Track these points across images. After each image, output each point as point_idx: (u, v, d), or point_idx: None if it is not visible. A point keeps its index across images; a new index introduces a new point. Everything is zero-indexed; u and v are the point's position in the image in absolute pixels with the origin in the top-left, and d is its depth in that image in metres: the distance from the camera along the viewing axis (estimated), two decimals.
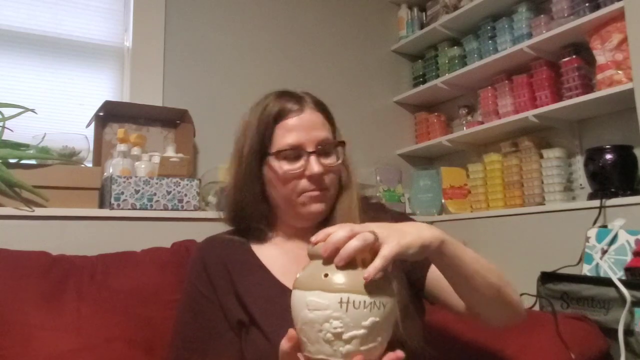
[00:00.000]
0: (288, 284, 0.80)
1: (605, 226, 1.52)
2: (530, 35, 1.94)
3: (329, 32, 2.34)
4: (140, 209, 1.55)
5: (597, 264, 1.45)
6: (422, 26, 2.45)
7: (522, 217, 1.86)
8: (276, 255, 0.93)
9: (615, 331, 1.23)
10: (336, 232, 0.62)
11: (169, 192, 1.60)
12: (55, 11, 1.90)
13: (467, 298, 0.80)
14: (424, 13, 2.49)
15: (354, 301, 0.58)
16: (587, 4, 1.75)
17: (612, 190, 1.59)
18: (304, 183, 0.88)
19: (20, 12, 1.85)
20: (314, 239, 0.64)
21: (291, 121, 0.89)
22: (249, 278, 0.90)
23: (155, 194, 1.58)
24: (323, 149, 0.89)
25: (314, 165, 0.87)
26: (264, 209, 0.94)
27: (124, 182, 1.54)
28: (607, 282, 1.31)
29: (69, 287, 1.20)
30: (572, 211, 1.68)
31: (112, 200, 1.52)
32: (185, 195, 1.62)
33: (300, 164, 0.88)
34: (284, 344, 0.63)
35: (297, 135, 0.88)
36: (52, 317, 1.13)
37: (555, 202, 1.79)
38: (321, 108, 0.93)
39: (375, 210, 0.97)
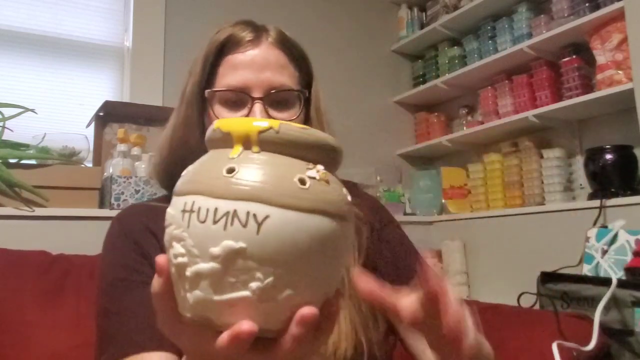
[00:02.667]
0: None
1: (605, 226, 1.52)
2: (530, 35, 1.94)
3: (329, 32, 2.34)
4: None
5: (597, 264, 1.45)
6: (422, 26, 2.45)
7: (522, 217, 1.86)
8: None
9: (616, 331, 1.23)
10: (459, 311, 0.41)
11: None
12: (55, 11, 1.90)
13: None
14: (424, 13, 2.49)
15: (199, 208, 0.34)
16: (587, 4, 1.75)
17: (612, 190, 1.59)
18: None
19: (20, 12, 1.85)
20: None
21: (239, 56, 0.70)
22: None
23: (155, 194, 1.58)
24: (275, 97, 0.70)
25: (256, 115, 0.67)
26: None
27: (124, 182, 1.54)
28: (607, 282, 1.31)
29: (68, 285, 1.21)
30: (572, 211, 1.68)
31: (112, 200, 1.52)
32: None
33: (242, 112, 0.69)
34: (154, 282, 0.38)
35: (243, 75, 0.69)
36: (51, 315, 1.13)
37: (555, 202, 1.79)
38: (285, 45, 0.73)
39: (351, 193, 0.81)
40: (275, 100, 0.70)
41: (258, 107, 0.68)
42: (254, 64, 0.70)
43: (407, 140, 2.47)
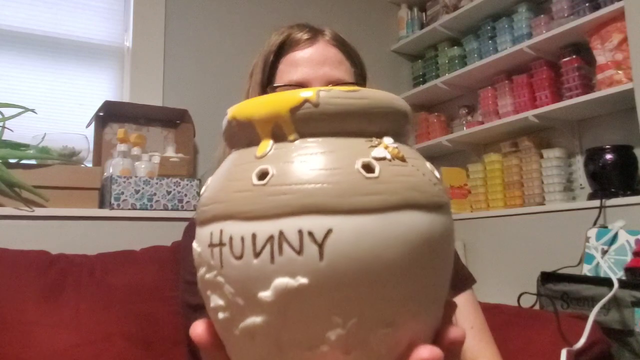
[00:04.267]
0: None
1: (605, 226, 1.52)
2: (530, 35, 1.94)
3: None
4: (140, 209, 1.55)
5: (597, 264, 1.45)
6: (422, 26, 2.45)
7: (522, 217, 1.86)
8: None
9: (616, 331, 1.23)
10: None
11: (169, 192, 1.60)
12: (55, 11, 1.90)
13: None
14: (424, 13, 2.49)
15: (230, 238, 0.24)
16: (587, 4, 1.75)
17: (612, 190, 1.59)
18: None
19: (20, 12, 1.85)
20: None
21: (298, 54, 0.72)
22: None
23: (155, 194, 1.58)
24: None
25: None
26: None
27: (124, 182, 1.54)
28: (607, 282, 1.31)
29: (68, 284, 1.21)
30: (572, 211, 1.68)
31: (112, 200, 1.52)
32: (185, 195, 1.62)
33: None
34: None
35: (302, 71, 0.71)
36: (51, 314, 1.14)
37: (555, 202, 1.79)
38: (341, 43, 0.75)
39: None
40: None
41: None
42: (313, 60, 0.72)
43: None
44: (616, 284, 1.23)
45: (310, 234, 0.22)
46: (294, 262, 0.22)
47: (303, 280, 0.22)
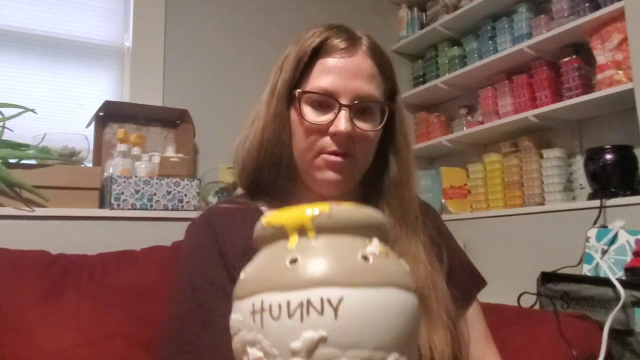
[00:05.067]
0: None
1: (605, 226, 1.52)
2: (530, 35, 1.94)
3: None
4: (140, 209, 1.55)
5: (597, 264, 1.45)
6: (422, 26, 2.45)
7: (522, 217, 1.86)
8: None
9: (616, 331, 1.23)
10: None
11: (169, 192, 1.60)
12: (55, 11, 1.90)
13: None
14: (424, 13, 2.49)
15: (270, 305, 0.34)
16: (587, 4, 1.75)
17: (612, 190, 1.59)
18: (325, 141, 0.70)
19: (20, 12, 1.85)
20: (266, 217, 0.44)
21: (333, 60, 0.71)
22: None
23: (155, 194, 1.58)
24: (361, 106, 0.71)
25: (342, 122, 0.68)
26: (287, 163, 0.73)
27: (124, 182, 1.54)
28: (607, 282, 1.31)
29: (69, 284, 1.21)
30: (572, 211, 1.68)
31: (112, 200, 1.52)
32: (185, 195, 1.62)
33: (328, 116, 0.70)
34: None
35: (334, 80, 0.70)
36: (52, 314, 1.14)
37: (555, 202, 1.79)
38: (377, 56, 0.74)
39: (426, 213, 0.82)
40: (361, 108, 0.71)
41: (344, 113, 0.69)
42: (346, 70, 0.70)
43: None
44: (622, 294, 1.23)
45: (329, 300, 0.32)
46: (317, 320, 0.32)
47: (323, 332, 0.32)
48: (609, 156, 1.62)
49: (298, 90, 0.71)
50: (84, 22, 1.94)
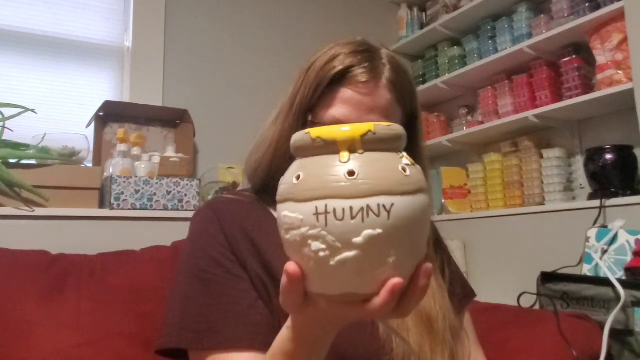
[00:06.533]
0: None
1: (605, 226, 1.52)
2: (530, 35, 1.94)
3: (329, 32, 2.34)
4: (140, 209, 1.55)
5: (597, 264, 1.45)
6: (422, 26, 2.45)
7: (522, 217, 1.86)
8: None
9: (616, 331, 1.23)
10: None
11: (169, 192, 1.60)
12: (55, 11, 1.90)
13: None
14: (424, 13, 2.49)
15: (334, 209, 0.41)
16: (587, 4, 1.75)
17: (612, 190, 1.59)
18: None
19: (20, 12, 1.85)
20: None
21: (351, 93, 0.70)
22: (276, 245, 0.69)
23: (155, 194, 1.58)
24: None
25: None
26: None
27: (124, 182, 1.54)
28: (607, 282, 1.31)
29: (69, 284, 1.21)
30: (572, 211, 1.68)
31: (112, 200, 1.52)
32: (185, 195, 1.62)
33: None
34: (282, 280, 0.46)
35: (350, 113, 0.70)
36: (52, 314, 1.13)
37: (555, 202, 1.79)
38: (398, 86, 0.74)
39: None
40: None
41: None
42: (363, 105, 0.70)
43: None
44: (622, 294, 1.23)
45: (384, 206, 0.41)
46: (375, 221, 0.40)
47: (380, 230, 0.41)
48: (609, 156, 1.62)
49: (310, 118, 0.72)
50: (84, 22, 1.94)
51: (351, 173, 0.42)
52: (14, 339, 1.08)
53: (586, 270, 1.48)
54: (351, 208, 0.40)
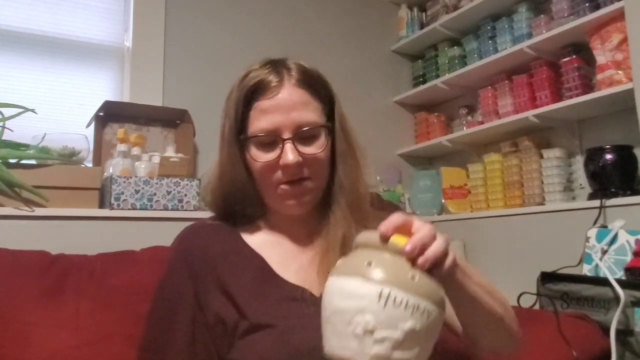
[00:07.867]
0: (287, 276, 0.77)
1: (605, 226, 1.52)
2: (530, 35, 1.94)
3: (329, 32, 2.34)
4: (140, 209, 1.55)
5: (597, 264, 1.45)
6: (422, 26, 2.45)
7: (522, 217, 1.86)
8: (270, 243, 0.82)
9: (616, 331, 1.23)
10: (423, 230, 0.57)
11: (169, 192, 1.60)
12: (55, 11, 1.90)
13: (467, 323, 0.74)
14: (424, 13, 2.49)
15: (395, 297, 0.51)
16: (587, 4, 1.75)
17: (612, 190, 1.59)
18: (279, 174, 0.77)
19: (20, 12, 1.85)
20: (383, 228, 0.57)
21: (267, 102, 0.76)
22: (240, 270, 0.78)
23: (155, 194, 1.58)
24: (303, 135, 0.76)
25: (288, 154, 0.75)
26: (251, 194, 0.81)
27: (124, 182, 1.54)
28: (607, 283, 1.31)
29: (68, 285, 1.21)
30: (572, 211, 1.68)
31: (112, 200, 1.52)
32: (185, 195, 1.62)
33: (275, 152, 0.76)
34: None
35: (272, 119, 0.75)
36: (52, 314, 1.13)
37: (555, 202, 1.79)
38: (307, 83, 0.79)
39: (381, 206, 0.87)
40: (303, 136, 0.77)
41: (288, 146, 0.75)
42: (281, 107, 0.76)
43: (407, 140, 2.47)
44: (622, 294, 1.23)
45: (424, 308, 0.53)
46: (418, 318, 0.53)
47: (418, 326, 0.52)
48: (609, 156, 1.62)
49: (242, 136, 0.78)
50: (84, 22, 1.94)
51: (413, 277, 0.54)
52: (13, 339, 1.08)
53: (586, 270, 1.48)
54: (407, 301, 0.52)
